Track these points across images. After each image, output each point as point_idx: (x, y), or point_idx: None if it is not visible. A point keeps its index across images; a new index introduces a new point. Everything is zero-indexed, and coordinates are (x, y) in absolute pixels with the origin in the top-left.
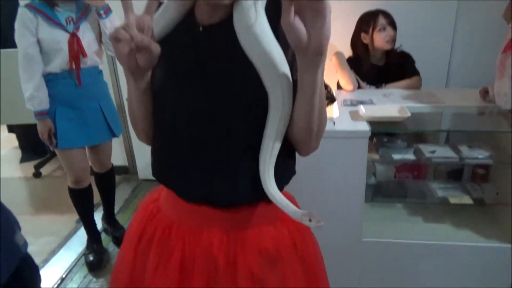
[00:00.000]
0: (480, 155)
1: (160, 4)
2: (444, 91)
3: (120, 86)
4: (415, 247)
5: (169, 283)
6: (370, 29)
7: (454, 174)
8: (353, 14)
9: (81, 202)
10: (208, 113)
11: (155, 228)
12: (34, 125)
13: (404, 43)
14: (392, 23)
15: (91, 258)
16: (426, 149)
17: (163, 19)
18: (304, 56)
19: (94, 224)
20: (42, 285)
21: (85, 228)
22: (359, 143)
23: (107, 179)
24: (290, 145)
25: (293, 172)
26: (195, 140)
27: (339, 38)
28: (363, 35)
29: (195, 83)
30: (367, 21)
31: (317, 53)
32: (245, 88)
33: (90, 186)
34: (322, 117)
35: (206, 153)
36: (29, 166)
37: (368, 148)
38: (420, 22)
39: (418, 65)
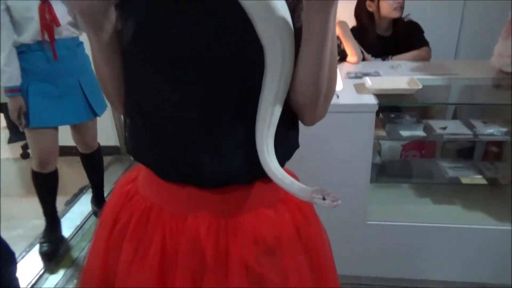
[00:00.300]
0: (495, 131)
1: None
2: (455, 63)
3: None
4: (423, 230)
5: (147, 281)
6: None
7: (465, 152)
8: None
9: (44, 188)
10: (189, 70)
11: (130, 213)
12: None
13: (411, 12)
14: None
15: (45, 248)
16: (437, 125)
17: None
18: None
19: (55, 212)
20: (28, 269)
21: (45, 215)
22: (365, 118)
23: (93, 160)
24: (292, 111)
25: (296, 145)
26: (174, 106)
27: (342, 7)
28: (368, 2)
29: (172, 34)
30: None
31: None
32: (235, 39)
33: (55, 171)
34: (332, 75)
35: (188, 122)
36: (17, 147)
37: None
38: None
39: (426, 36)
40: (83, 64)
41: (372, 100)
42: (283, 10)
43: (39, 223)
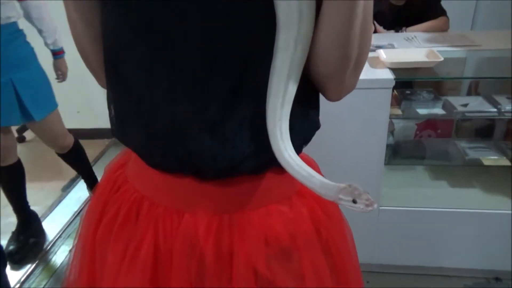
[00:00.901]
0: None
1: None
2: (475, 33)
3: None
4: (439, 215)
5: (136, 285)
6: None
7: (483, 131)
8: None
9: (5, 182)
10: (181, 29)
11: (118, 206)
12: None
13: None
14: None
15: (11, 247)
16: (457, 102)
17: None
18: None
19: (25, 207)
20: None
21: (14, 211)
22: (381, 95)
23: (71, 159)
24: (311, 83)
25: (316, 126)
26: (165, 77)
27: None
28: None
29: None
30: None
31: None
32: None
33: (16, 164)
34: (366, 34)
35: (183, 97)
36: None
37: None
38: None
39: (442, 4)
40: (21, 59)
41: (388, 74)
42: None
43: (35, 209)
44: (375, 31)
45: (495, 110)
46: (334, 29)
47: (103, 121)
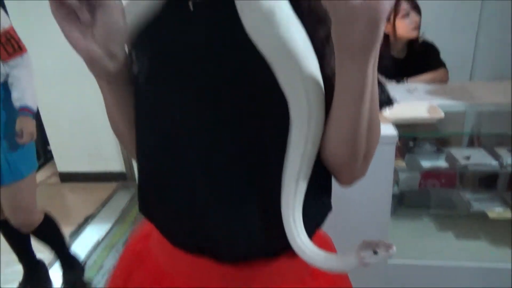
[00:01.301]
0: None
1: None
2: (474, 85)
3: None
4: (446, 270)
5: None
6: (392, 16)
7: (487, 181)
8: None
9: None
10: (201, 125)
11: (142, 279)
12: None
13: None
14: (416, 7)
15: None
16: (460, 154)
17: None
18: (347, 27)
19: (30, 257)
20: None
21: (20, 262)
22: (385, 150)
23: (41, 237)
24: (324, 169)
25: (328, 209)
26: (187, 164)
27: None
28: None
29: (187, 83)
30: None
31: (371, 22)
32: (253, 89)
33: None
34: (373, 132)
35: (202, 183)
36: None
37: None
38: (442, 7)
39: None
40: (5, 116)
41: (391, 130)
42: (310, 59)
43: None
44: None
45: (497, 163)
46: (342, 127)
47: (112, 164)
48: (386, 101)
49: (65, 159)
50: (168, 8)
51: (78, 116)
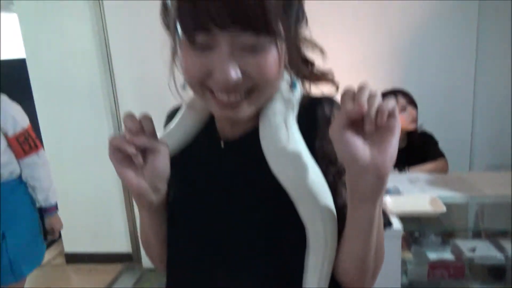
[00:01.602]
0: None
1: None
2: (474, 176)
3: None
4: None
5: None
6: None
7: (496, 271)
8: None
9: None
10: (229, 250)
11: None
12: None
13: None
14: (413, 102)
15: None
16: (465, 246)
17: (180, 129)
18: (359, 179)
19: None
20: None
21: None
22: (390, 244)
23: None
24: (336, 283)
25: None
26: (210, 279)
27: None
28: None
29: (215, 209)
30: None
31: (378, 177)
32: (276, 218)
33: None
34: (380, 254)
35: None
36: None
37: None
38: (437, 99)
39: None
40: (15, 211)
41: (396, 224)
42: (325, 195)
43: None
44: None
45: (502, 255)
46: (353, 252)
47: (119, 244)
48: (386, 223)
49: (72, 239)
50: (199, 143)
51: (88, 197)
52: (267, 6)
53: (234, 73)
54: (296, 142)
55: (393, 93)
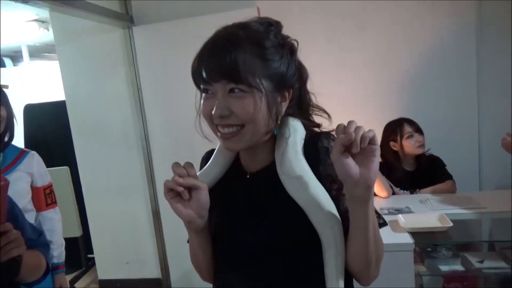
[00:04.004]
0: None
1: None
2: (481, 195)
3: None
4: None
5: None
6: (398, 137)
7: (507, 281)
8: (379, 124)
9: None
10: (262, 255)
11: None
12: (68, 238)
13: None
14: (419, 130)
15: None
16: (474, 258)
17: (215, 168)
18: (354, 189)
19: None
20: None
21: None
22: (403, 257)
23: None
24: (348, 275)
25: None
26: (249, 279)
27: None
28: (392, 143)
29: (248, 226)
30: (393, 130)
31: (367, 187)
32: (294, 228)
33: None
34: (379, 246)
35: None
36: None
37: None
38: (444, 125)
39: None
40: None
41: (408, 239)
42: (330, 205)
43: None
44: (394, 193)
45: (508, 266)
46: (358, 247)
47: (150, 270)
48: (382, 223)
49: (106, 267)
50: (229, 176)
51: (120, 227)
52: (240, 66)
53: (220, 111)
54: (305, 170)
55: (400, 122)
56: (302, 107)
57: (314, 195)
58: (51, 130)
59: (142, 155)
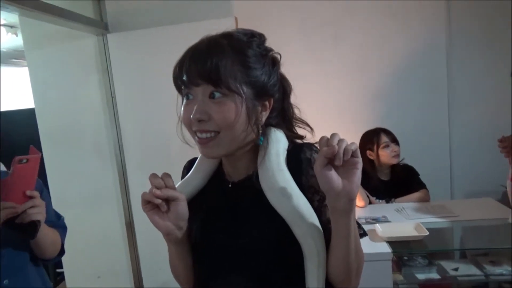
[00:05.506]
0: (504, 271)
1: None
2: (454, 203)
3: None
4: None
5: None
6: (375, 147)
7: None
8: (354, 133)
9: None
10: (243, 264)
11: None
12: None
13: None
14: (395, 140)
15: None
16: (449, 266)
17: (196, 177)
18: (336, 201)
19: None
20: None
21: None
22: (382, 266)
23: None
24: (329, 284)
25: None
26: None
27: None
28: (368, 152)
29: (229, 235)
30: (370, 139)
31: (349, 199)
32: (277, 238)
33: None
34: (359, 255)
35: None
36: None
37: None
38: (417, 135)
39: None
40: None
41: (386, 248)
42: (312, 217)
43: None
44: (370, 203)
45: (482, 273)
46: (340, 257)
47: (123, 283)
48: (362, 233)
49: (76, 281)
50: (211, 185)
51: (92, 239)
52: (221, 70)
53: (199, 114)
54: (287, 181)
55: (377, 131)
56: (286, 118)
57: (296, 206)
58: (18, 139)
59: (115, 164)
